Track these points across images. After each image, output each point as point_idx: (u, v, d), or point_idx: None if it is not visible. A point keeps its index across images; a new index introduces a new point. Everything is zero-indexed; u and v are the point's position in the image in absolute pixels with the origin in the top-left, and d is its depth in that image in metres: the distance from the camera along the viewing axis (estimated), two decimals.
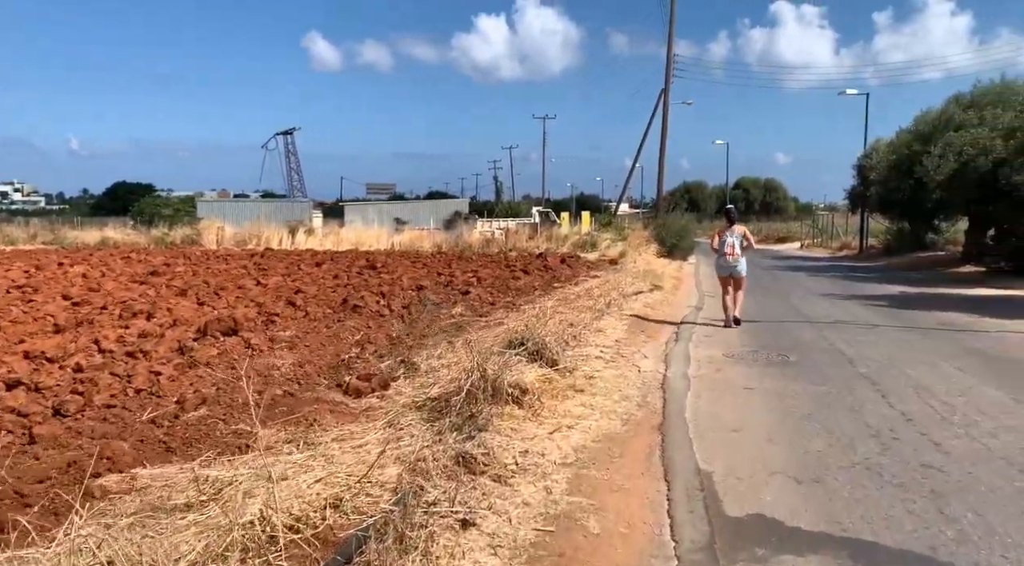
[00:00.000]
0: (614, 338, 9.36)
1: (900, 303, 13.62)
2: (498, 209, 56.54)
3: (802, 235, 45.66)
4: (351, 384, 6.61)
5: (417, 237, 36.38)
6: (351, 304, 11.95)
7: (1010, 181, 15.96)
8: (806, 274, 21.26)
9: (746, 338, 9.69)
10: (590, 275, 18.97)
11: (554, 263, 22.94)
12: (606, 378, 7.04)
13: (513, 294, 14.87)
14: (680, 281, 19.03)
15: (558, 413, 5.78)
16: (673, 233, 27.55)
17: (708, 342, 9.37)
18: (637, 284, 16.31)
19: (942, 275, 20.34)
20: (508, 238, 36.40)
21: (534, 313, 11.14)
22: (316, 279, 16.95)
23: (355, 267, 20.25)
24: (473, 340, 9.46)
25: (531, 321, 8.12)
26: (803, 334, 9.96)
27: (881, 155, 24.70)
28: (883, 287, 16.89)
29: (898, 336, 9.70)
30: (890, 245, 29.05)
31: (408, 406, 5.77)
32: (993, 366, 7.71)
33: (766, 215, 78.91)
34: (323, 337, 9.66)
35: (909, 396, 6.41)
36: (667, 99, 36.75)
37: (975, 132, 18.25)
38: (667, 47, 36.33)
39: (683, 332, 10.18)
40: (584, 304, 12.00)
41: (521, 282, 17.45)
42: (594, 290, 14.35)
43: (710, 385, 6.94)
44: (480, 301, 13.53)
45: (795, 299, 14.43)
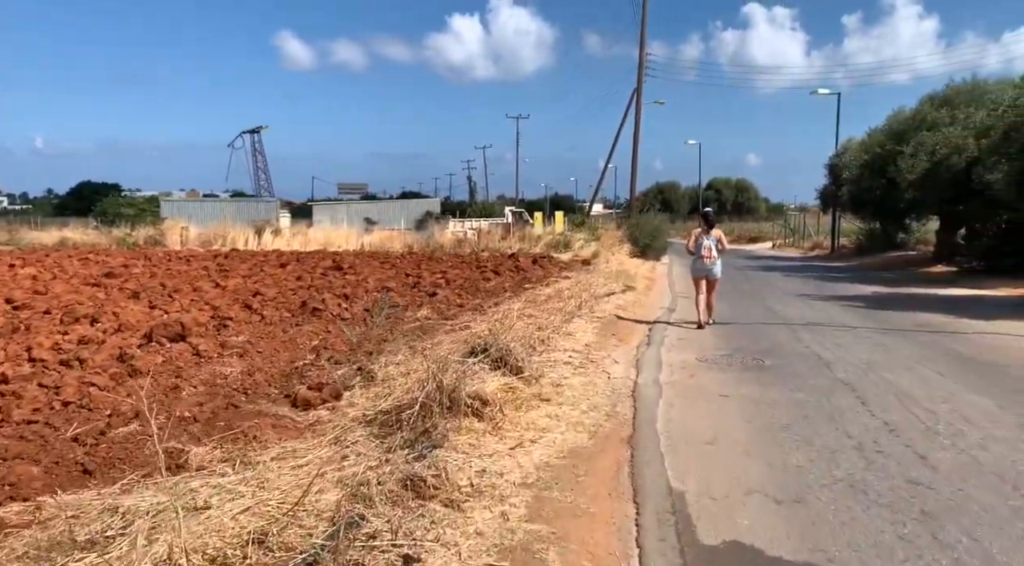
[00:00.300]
0: (584, 342, 8.98)
1: (875, 304, 13.42)
2: (472, 209, 56.08)
3: (774, 235, 45.79)
4: (300, 395, 6.15)
5: (387, 237, 35.84)
6: (311, 307, 11.45)
7: (983, 180, 15.87)
8: (779, 274, 21.10)
9: (720, 341, 9.37)
10: (562, 276, 18.61)
11: (526, 264, 22.56)
12: (574, 386, 6.66)
13: (482, 296, 14.46)
14: (653, 282, 18.75)
15: (521, 425, 5.38)
16: (646, 233, 27.32)
17: (681, 345, 9.03)
18: (609, 285, 15.99)
19: (914, 275, 20.29)
20: (480, 238, 36.00)
21: (502, 316, 10.76)
22: (278, 281, 16.39)
23: (320, 268, 19.69)
24: (438, 343, 9.07)
25: (497, 325, 7.72)
26: (779, 336, 9.67)
27: (854, 155, 24.66)
28: (857, 287, 16.74)
29: (875, 338, 9.44)
30: (862, 245, 29.09)
31: (358, 420, 5.33)
32: (974, 370, 7.45)
33: (738, 215, 79.30)
34: (278, 342, 9.18)
35: (890, 403, 6.10)
36: (640, 99, 36.59)
37: (947, 131, 18.19)
38: (639, 47, 36.15)
39: (655, 335, 9.83)
40: (554, 306, 11.63)
41: (491, 283, 17.05)
42: (565, 291, 13.99)
43: (683, 392, 6.58)
44: (447, 303, 13.10)
45: (769, 300, 14.19)
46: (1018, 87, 13.04)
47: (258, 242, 34.21)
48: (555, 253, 30.19)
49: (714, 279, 10.80)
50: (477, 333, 8.39)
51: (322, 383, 6.69)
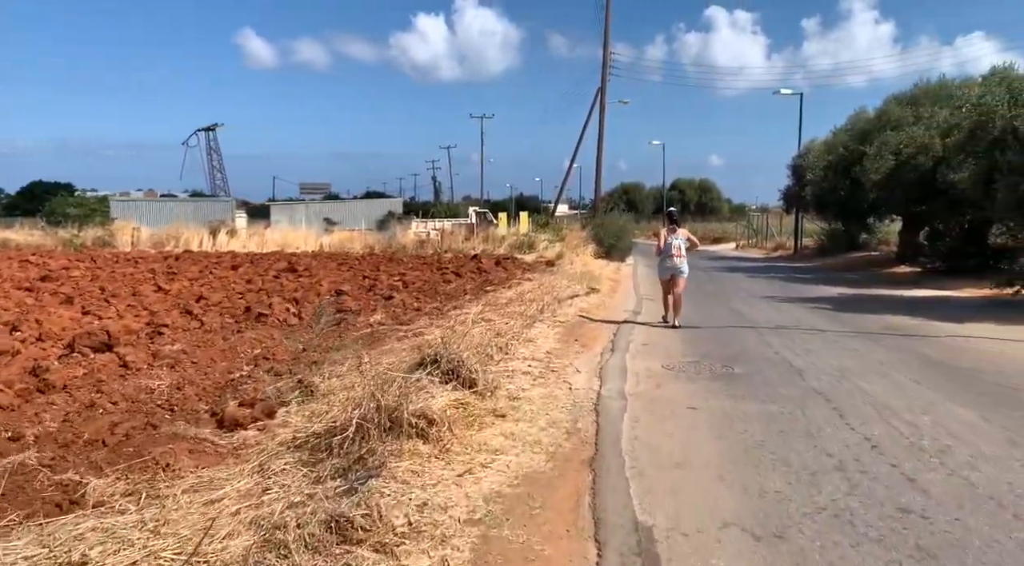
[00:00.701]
0: (545, 349, 8.49)
1: (842, 306, 13.16)
2: (436, 210, 55.36)
3: (737, 236, 45.90)
4: (227, 413, 5.54)
5: (347, 238, 35.02)
6: (256, 312, 10.79)
7: (947, 180, 15.75)
8: (744, 275, 20.88)
9: (687, 346, 8.94)
10: (525, 278, 18.13)
11: (488, 265, 22.05)
12: (532, 399, 6.15)
13: (441, 299, 13.91)
14: (618, 283, 18.35)
15: (472, 447, 4.85)
16: (611, 234, 26.98)
17: (647, 352, 8.58)
18: (573, 287, 15.55)
19: (878, 276, 20.22)
20: (444, 239, 35.38)
21: (460, 321, 10.24)
22: (227, 284, 15.64)
23: (273, 270, 18.94)
24: (388, 351, 8.50)
25: (450, 333, 7.19)
26: (747, 341, 9.28)
27: (817, 155, 24.58)
28: (822, 289, 16.53)
29: (846, 343, 9.10)
30: (824, 245, 29.11)
31: (288, 443, 4.75)
32: (951, 377, 7.11)
33: (701, 215, 79.75)
34: (216, 351, 8.53)
35: (869, 416, 5.70)
36: (604, 99, 36.27)
37: (912, 130, 18.10)
38: (603, 47, 35.84)
39: (620, 340, 9.38)
40: (515, 310, 11.12)
41: (452, 286, 16.50)
42: (527, 294, 13.50)
43: (649, 405, 6.11)
44: (404, 307, 12.52)
45: (735, 302, 13.86)
46: (983, 85, 12.90)
47: (213, 243, 33.18)
48: (519, 254, 29.76)
49: (681, 277, 10.74)
50: (429, 341, 7.86)
51: (255, 399, 6.09)
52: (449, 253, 30.29)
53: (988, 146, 12.15)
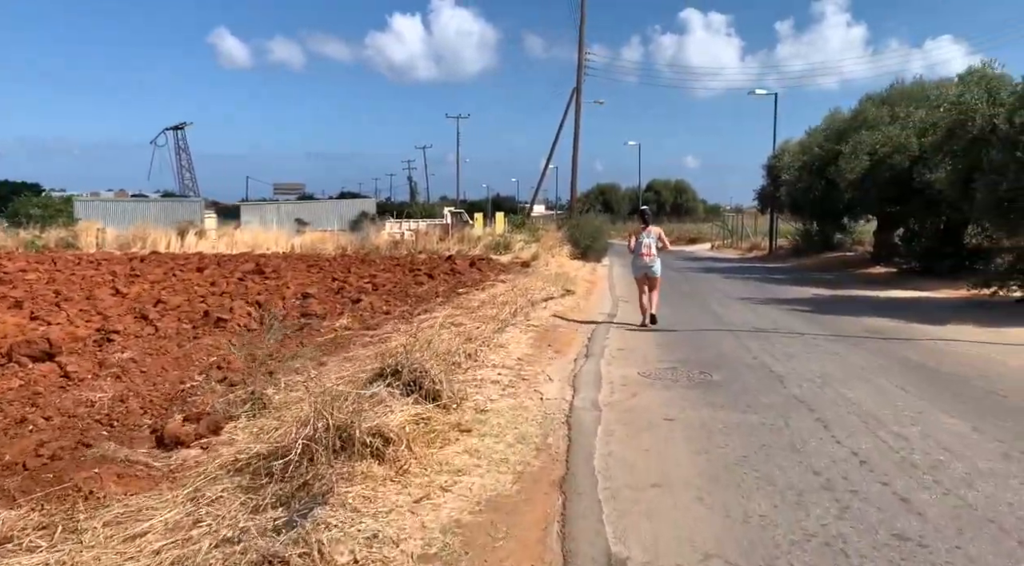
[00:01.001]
0: (516, 355, 8.12)
1: (820, 307, 12.95)
2: (412, 210, 54.77)
3: (712, 236, 45.92)
4: (168, 430, 5.11)
5: (320, 239, 34.42)
6: (215, 317, 10.31)
7: (924, 179, 15.64)
8: (720, 276, 20.69)
9: (663, 351, 8.63)
10: (499, 279, 17.77)
11: (462, 266, 21.67)
12: (501, 411, 5.77)
13: (412, 302, 13.50)
14: (593, 284, 18.05)
15: (433, 467, 4.47)
16: (587, 234, 26.70)
17: (622, 357, 8.25)
18: (548, 289, 15.21)
19: (853, 276, 20.12)
20: (418, 240, 34.93)
21: (429, 325, 9.86)
22: (189, 286, 15.10)
23: (239, 272, 18.40)
24: (351, 359, 8.09)
25: (414, 340, 6.79)
26: (724, 345, 8.99)
27: (792, 155, 24.49)
28: (798, 290, 16.35)
29: (826, 346, 8.83)
30: (799, 246, 29.09)
31: (229, 465, 4.33)
32: (936, 384, 6.85)
33: (677, 216, 79.94)
34: (169, 359, 8.06)
35: (856, 427, 5.40)
36: (579, 98, 36.02)
37: (888, 130, 18.00)
38: (578, 47, 35.61)
39: (595, 345, 9.04)
40: (487, 313, 10.75)
41: (423, 288, 16.09)
42: (501, 296, 13.14)
43: (624, 416, 5.77)
44: (372, 311, 12.09)
45: (712, 303, 13.60)
46: (961, 84, 12.76)
47: (181, 244, 32.45)
48: (494, 255, 29.42)
49: (655, 277, 10.69)
50: (393, 349, 7.47)
51: (201, 413, 5.65)
52: (423, 254, 29.88)
53: (967, 145, 12.00)
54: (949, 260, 16.76)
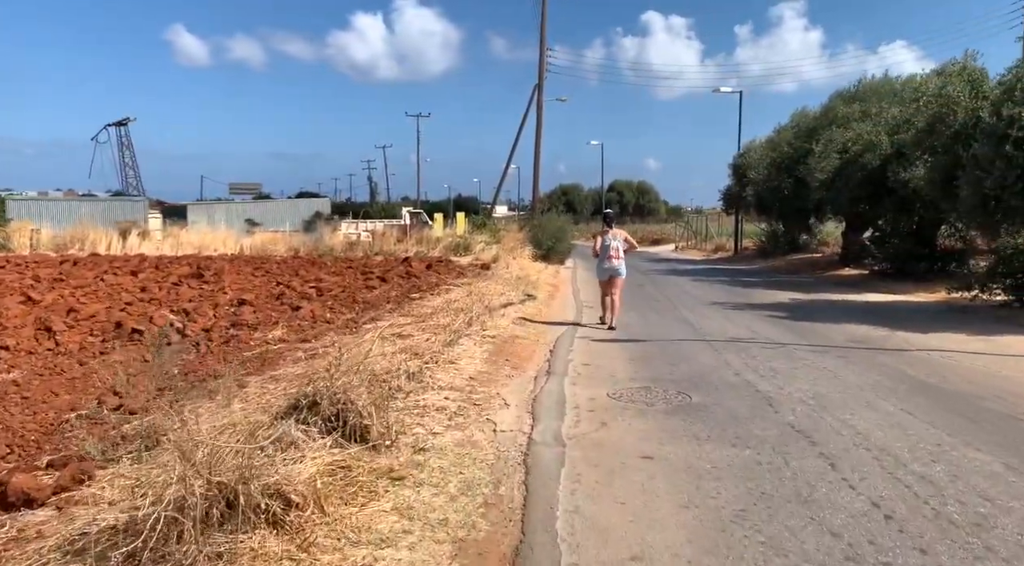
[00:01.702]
0: (469, 373, 7.11)
1: (797, 313, 12.17)
2: (371, 210, 53.35)
3: (676, 237, 45.40)
4: (13, 485, 4.01)
5: (270, 240, 32.97)
6: (129, 328, 9.12)
7: (898, 178, 15.02)
8: (687, 279, 19.91)
9: (634, 366, 7.70)
10: (457, 283, 16.76)
11: (419, 269, 20.61)
12: (445, 449, 4.77)
13: (359, 309, 12.43)
14: (556, 288, 17.12)
15: (348, 535, 3.45)
16: (549, 235, 25.74)
17: (588, 374, 7.30)
18: (508, 294, 14.24)
19: (824, 278, 19.52)
20: (375, 241, 33.77)
21: (373, 336, 8.83)
22: (117, 292, 13.80)
23: (176, 276, 17.08)
24: (275, 379, 7.01)
25: (342, 359, 5.74)
26: (701, 358, 8.10)
27: (760, 153, 23.84)
28: (771, 294, 15.61)
29: (813, 360, 7.99)
30: (765, 247, 28.54)
31: (68, 545, 3.25)
32: (947, 406, 6.02)
33: (640, 217, 79.80)
34: (62, 381, 6.92)
35: (869, 466, 4.51)
36: (541, 95, 35.14)
37: (859, 127, 17.39)
38: (540, 41, 34.73)
39: (558, 359, 8.08)
40: (439, 322, 9.74)
41: (374, 293, 15.01)
42: (457, 302, 12.13)
43: (593, 454, 4.80)
44: (312, 319, 10.99)
45: (683, 310, 12.74)
46: (939, 76, 12.10)
47: (123, 246, 30.78)
48: (454, 256, 28.44)
49: (619, 278, 10.63)
50: (326, 365, 6.43)
51: (69, 456, 4.56)
52: (380, 256, 28.78)
53: (949, 140, 11.33)
54: (923, 262, 16.19)
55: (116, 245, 30.82)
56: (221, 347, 8.79)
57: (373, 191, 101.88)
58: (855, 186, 16.77)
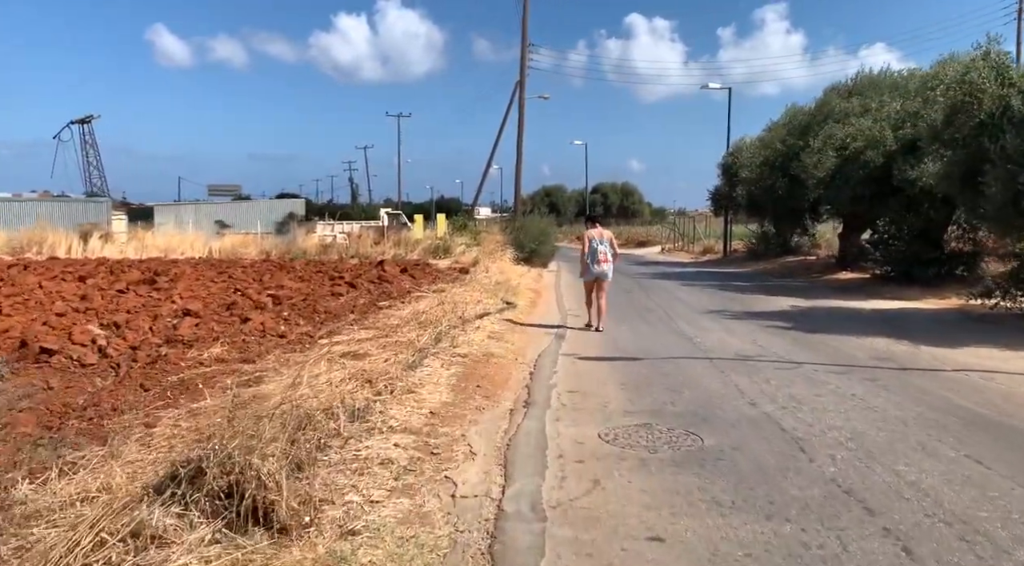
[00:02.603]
0: (430, 406, 5.87)
1: (803, 323, 11.03)
2: (352, 211, 52.00)
3: (663, 239, 44.33)
4: None
5: (241, 243, 31.54)
6: (36, 348, 7.79)
7: (904, 176, 13.95)
8: (678, 283, 18.75)
9: (629, 394, 6.49)
10: (432, 289, 15.48)
11: (393, 273, 19.35)
12: (382, 531, 3.52)
13: (319, 320, 11.17)
14: (539, 294, 15.92)
15: None
16: (532, 237, 24.53)
17: (575, 405, 6.08)
18: (485, 301, 13.03)
19: (822, 283, 18.46)
20: (352, 243, 32.49)
21: (323, 356, 7.59)
22: (51, 301, 12.40)
23: (127, 282, 15.69)
24: (189, 414, 5.74)
25: (233, 412, 4.52)
26: (706, 382, 6.91)
27: (752, 152, 22.72)
28: (769, 300, 14.49)
29: (837, 384, 6.82)
30: (755, 249, 27.47)
31: None
32: (1019, 450, 4.86)
33: (624, 218, 78.82)
34: None
35: (956, 551, 3.32)
36: (523, 93, 33.95)
37: (859, 123, 16.31)
38: (521, 36, 33.52)
39: (539, 384, 6.87)
40: (404, 338, 8.51)
41: (340, 301, 13.74)
42: (428, 312, 10.90)
43: (585, 534, 3.58)
44: (262, 333, 9.72)
45: (678, 320, 11.56)
46: (967, 63, 10.96)
47: (84, 249, 29.26)
48: (433, 259, 27.26)
49: (604, 280, 10.51)
50: (246, 401, 5.24)
51: None
52: (355, 259, 27.55)
53: (972, 131, 10.23)
54: (931, 266, 15.14)
55: (77, 248, 29.34)
56: (144, 370, 7.49)
57: (354, 192, 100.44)
58: (856, 184, 15.69)
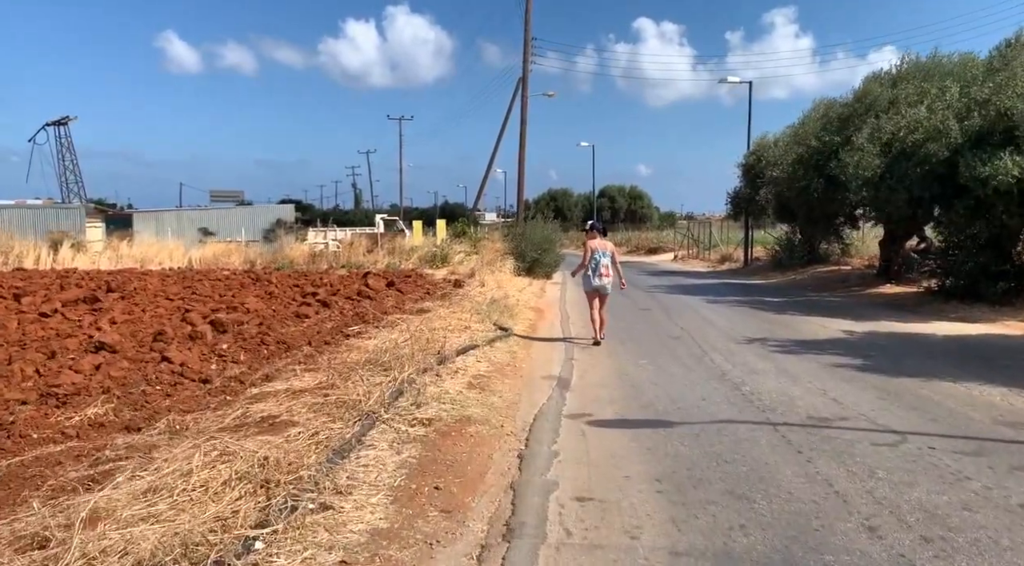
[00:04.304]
0: (348, 541, 3.60)
1: (874, 359, 8.68)
2: (355, 217, 49.95)
3: (675, 245, 41.92)
4: None
5: (224, 251, 29.37)
6: None
7: (974, 174, 11.63)
8: (701, 299, 16.41)
9: (672, 508, 4.17)
10: (417, 307, 13.29)
11: (377, 287, 17.11)
12: None
13: (265, 354, 8.96)
14: (540, 315, 13.63)
15: None
16: (534, 245, 22.26)
17: (586, 542, 3.79)
18: (474, 327, 10.84)
19: (866, 298, 16.08)
20: (344, 251, 30.32)
21: (226, 429, 5.40)
22: None
23: (61, 301, 13.45)
24: None
25: None
26: (784, 478, 4.59)
27: (784, 148, 20.28)
28: (814, 322, 12.16)
29: (983, 480, 4.48)
30: (780, 257, 25.09)
31: None
32: None
33: (632, 223, 76.43)
34: None
35: None
36: (526, 89, 31.72)
37: (912, 114, 13.97)
38: (524, 27, 31.30)
39: (529, 485, 4.57)
40: (353, 393, 6.26)
41: (305, 324, 11.55)
42: (401, 345, 8.69)
43: None
44: (178, 378, 7.45)
45: (713, 353, 9.24)
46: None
47: (53, 259, 27.14)
48: (430, 268, 25.08)
49: (607, 293, 10.26)
50: None
51: None
52: (344, 269, 25.41)
53: None
54: (1001, 280, 12.79)
55: (47, 259, 27.23)
56: None
57: (358, 198, 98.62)
58: (913, 184, 13.34)
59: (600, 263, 9.99)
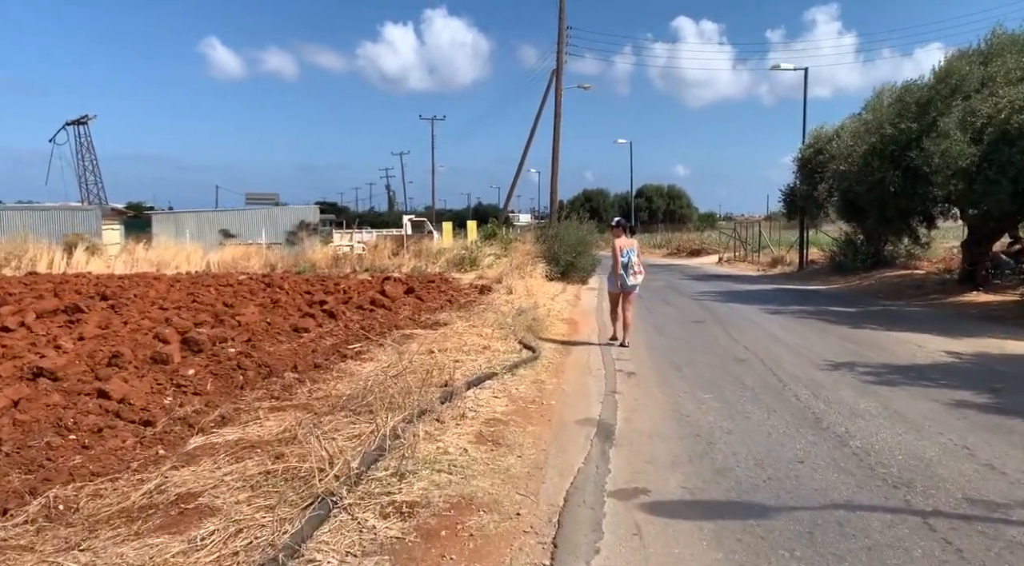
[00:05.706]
0: None
1: (1005, 394, 6.68)
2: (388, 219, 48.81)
3: (720, 247, 39.63)
4: None
5: (243, 254, 28.06)
6: None
7: None
8: (760, 309, 14.39)
9: None
10: (432, 320, 11.63)
11: (395, 294, 15.46)
12: None
13: (239, 383, 7.29)
14: (575, 328, 11.82)
15: None
16: (568, 247, 20.40)
17: None
18: (496, 346, 9.14)
19: (953, 309, 13.91)
20: (369, 254, 28.91)
21: (136, 521, 3.67)
22: None
23: (34, 311, 12.00)
24: None
25: None
26: None
27: (852, 139, 18.03)
28: (905, 339, 10.15)
29: None
30: (840, 260, 22.85)
31: None
32: None
33: (670, 223, 74.10)
34: None
35: None
36: (560, 81, 29.93)
37: (1015, 92, 11.82)
38: (559, 15, 29.48)
39: None
40: (309, 460, 4.54)
41: (301, 340, 9.97)
42: (405, 371, 7.06)
43: None
44: (94, 428, 5.79)
45: (796, 385, 7.30)
46: None
47: (67, 262, 26.15)
48: (457, 272, 23.50)
49: (632, 292, 9.94)
50: None
51: None
52: (367, 272, 23.97)
53: None
54: None
55: (60, 262, 26.23)
56: None
57: (391, 200, 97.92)
58: (1021, 174, 11.23)
59: (632, 262, 9.79)
